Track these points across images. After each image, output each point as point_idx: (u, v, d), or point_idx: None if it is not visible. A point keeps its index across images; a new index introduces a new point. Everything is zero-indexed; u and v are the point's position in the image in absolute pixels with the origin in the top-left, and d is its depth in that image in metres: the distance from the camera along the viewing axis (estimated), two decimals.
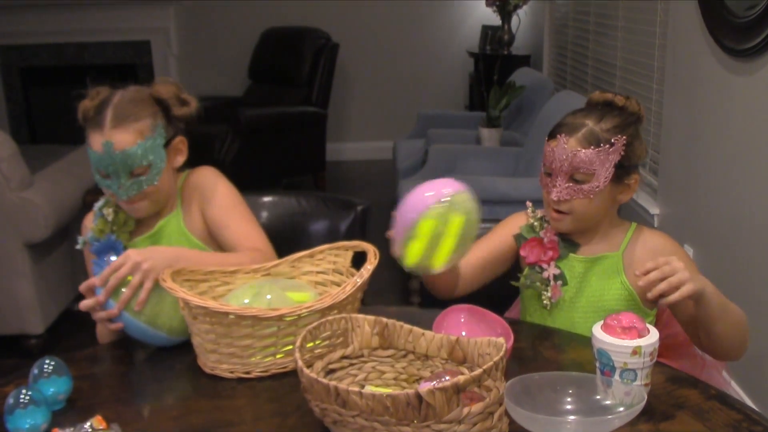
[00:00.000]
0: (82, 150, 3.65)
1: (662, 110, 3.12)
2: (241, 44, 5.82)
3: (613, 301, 1.53)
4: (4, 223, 2.90)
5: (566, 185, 1.48)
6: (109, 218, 1.63)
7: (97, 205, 1.66)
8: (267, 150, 4.82)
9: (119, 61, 5.81)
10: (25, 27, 5.57)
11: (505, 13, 5.35)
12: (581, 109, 1.55)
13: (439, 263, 1.34)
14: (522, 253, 1.60)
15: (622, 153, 1.48)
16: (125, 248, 1.60)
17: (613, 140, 1.47)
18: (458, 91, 6.12)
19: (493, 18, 5.51)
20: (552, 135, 1.52)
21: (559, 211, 1.52)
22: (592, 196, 1.48)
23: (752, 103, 2.35)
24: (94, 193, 3.31)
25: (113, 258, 1.49)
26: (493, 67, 4.68)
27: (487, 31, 5.67)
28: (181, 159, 1.67)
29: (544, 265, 1.57)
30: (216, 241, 1.67)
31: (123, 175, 1.56)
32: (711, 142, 2.64)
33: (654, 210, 3.12)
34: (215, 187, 1.68)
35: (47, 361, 1.25)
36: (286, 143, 5.01)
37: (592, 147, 1.46)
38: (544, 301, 1.56)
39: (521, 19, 5.52)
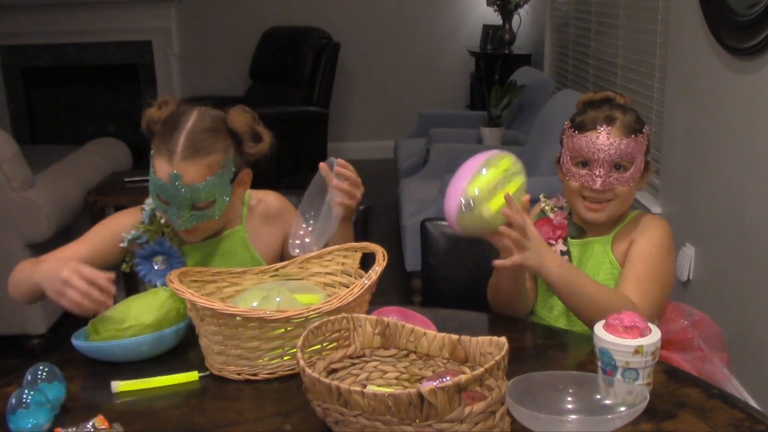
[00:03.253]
0: (84, 150, 3.68)
1: (663, 109, 3.12)
2: (242, 44, 5.82)
3: (602, 279, 1.57)
4: (5, 224, 2.91)
5: (609, 174, 1.53)
6: (163, 220, 1.60)
7: (148, 203, 1.62)
8: (268, 149, 4.82)
9: (120, 61, 5.81)
10: (26, 27, 5.58)
11: (506, 13, 5.35)
12: (598, 105, 1.58)
13: (494, 207, 1.37)
14: None
15: (647, 142, 1.56)
16: (181, 253, 1.60)
17: (642, 130, 1.55)
18: (459, 90, 6.12)
19: (494, 17, 5.51)
20: (586, 128, 1.55)
21: (599, 201, 1.56)
22: (632, 183, 1.54)
23: (754, 101, 2.34)
24: (96, 193, 3.32)
25: (163, 260, 1.55)
26: (495, 66, 4.68)
27: (488, 30, 5.67)
28: (242, 190, 1.62)
29: (552, 242, 1.61)
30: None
31: (184, 207, 1.50)
32: (712, 140, 2.64)
33: (656, 209, 3.12)
34: (293, 213, 1.63)
35: (41, 368, 1.24)
36: (287, 143, 4.97)
37: (633, 135, 1.53)
38: None
39: (522, 18, 5.52)
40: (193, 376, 1.33)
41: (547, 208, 1.67)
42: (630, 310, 1.30)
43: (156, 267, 1.59)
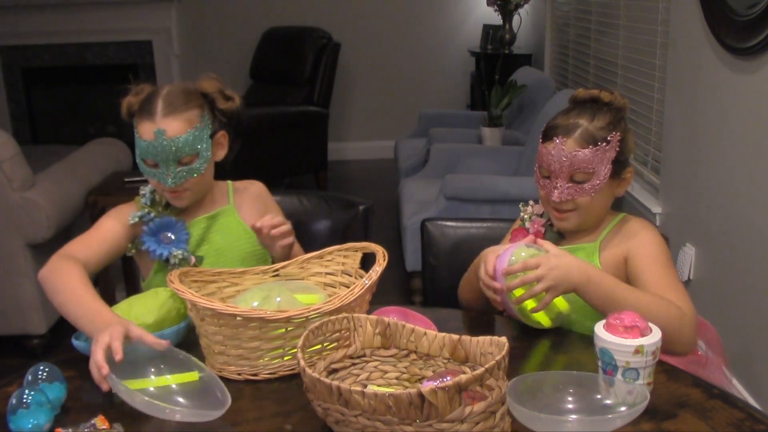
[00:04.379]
0: (84, 150, 3.69)
1: (664, 109, 3.12)
2: (242, 44, 5.82)
3: None
4: (6, 224, 2.91)
5: (567, 186, 1.50)
6: (164, 201, 1.71)
7: (148, 188, 1.73)
8: (269, 149, 4.82)
9: (121, 61, 5.81)
10: (26, 27, 5.58)
11: (507, 12, 5.35)
12: (571, 108, 1.57)
13: (561, 304, 1.46)
14: (510, 242, 1.64)
15: (618, 149, 1.51)
16: (186, 230, 1.69)
17: (608, 137, 1.50)
18: (460, 90, 6.12)
19: (494, 17, 5.51)
20: (547, 137, 1.54)
21: (562, 210, 1.54)
22: (593, 194, 1.50)
23: (754, 101, 2.34)
24: (96, 193, 3.32)
25: (170, 235, 1.64)
26: (495, 66, 4.68)
27: (488, 30, 5.67)
28: (222, 153, 1.73)
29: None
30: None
31: (172, 163, 1.61)
32: (713, 140, 2.63)
33: (656, 209, 3.12)
34: (274, 203, 1.84)
35: (42, 368, 1.25)
36: (287, 143, 5.02)
37: (590, 146, 1.49)
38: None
39: (522, 18, 5.52)
40: (193, 376, 1.33)
41: (525, 216, 1.64)
42: (678, 318, 1.35)
43: (164, 241, 1.68)
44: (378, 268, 1.36)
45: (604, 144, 1.49)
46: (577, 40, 4.69)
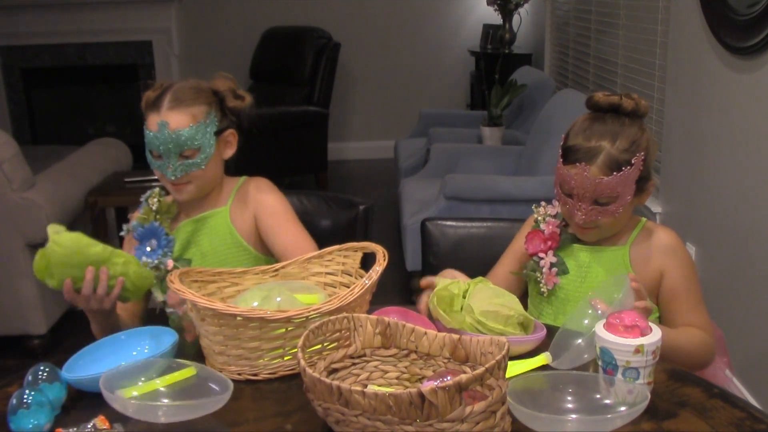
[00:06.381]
0: (84, 151, 3.69)
1: (664, 108, 3.12)
2: (242, 44, 5.82)
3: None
4: (6, 224, 2.91)
5: (591, 208, 1.49)
6: (154, 207, 1.73)
7: (144, 196, 1.76)
8: (269, 150, 4.82)
9: (121, 61, 5.81)
10: (26, 28, 5.58)
11: (507, 12, 5.36)
12: (591, 122, 1.51)
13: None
14: (525, 245, 1.63)
15: (641, 167, 1.49)
16: (167, 234, 1.71)
17: (632, 161, 1.47)
18: (460, 90, 6.12)
19: (494, 17, 5.51)
20: (568, 159, 1.50)
21: (585, 227, 1.54)
22: (617, 215, 1.50)
23: (754, 100, 2.34)
24: (96, 193, 3.32)
25: (154, 241, 1.66)
26: (495, 65, 4.69)
27: (488, 29, 5.67)
28: (230, 151, 1.76)
29: (542, 254, 1.60)
30: (267, 245, 1.76)
31: (173, 155, 1.64)
32: (713, 140, 2.63)
33: (656, 208, 3.12)
34: (270, 197, 1.79)
35: (42, 368, 1.25)
36: (287, 143, 5.02)
37: (614, 173, 1.46)
38: (541, 289, 1.59)
39: (522, 17, 5.52)
40: (190, 371, 1.32)
41: (539, 218, 1.63)
42: (710, 349, 1.44)
43: (148, 249, 1.70)
44: (378, 268, 1.35)
45: (628, 167, 1.46)
46: (577, 40, 4.69)
